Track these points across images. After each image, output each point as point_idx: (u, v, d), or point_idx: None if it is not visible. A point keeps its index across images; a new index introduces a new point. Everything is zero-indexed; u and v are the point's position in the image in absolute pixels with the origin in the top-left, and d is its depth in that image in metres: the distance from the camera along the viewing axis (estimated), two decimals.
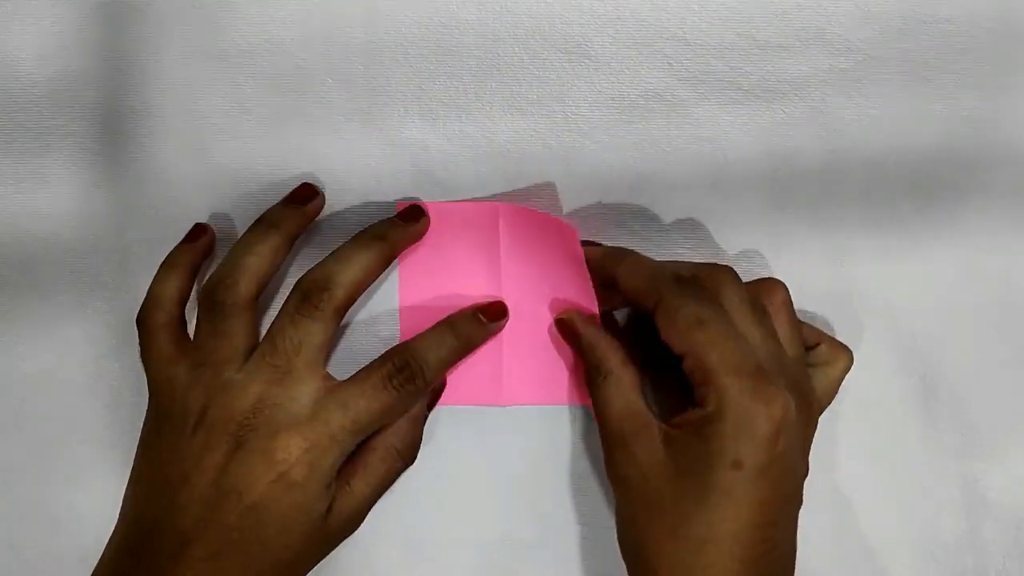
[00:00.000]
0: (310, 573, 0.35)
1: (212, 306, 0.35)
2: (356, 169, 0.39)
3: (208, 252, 0.39)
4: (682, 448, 0.32)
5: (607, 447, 0.35)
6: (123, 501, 0.35)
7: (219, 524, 0.33)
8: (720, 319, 0.33)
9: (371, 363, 0.35)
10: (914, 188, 0.40)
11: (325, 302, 0.34)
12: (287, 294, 0.35)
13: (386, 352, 0.35)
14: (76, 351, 0.40)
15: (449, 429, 0.39)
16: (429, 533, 0.39)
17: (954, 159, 0.40)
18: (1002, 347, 0.40)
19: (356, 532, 0.38)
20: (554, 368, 0.39)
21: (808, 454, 0.34)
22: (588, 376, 0.36)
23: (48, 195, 0.40)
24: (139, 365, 0.39)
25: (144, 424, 0.36)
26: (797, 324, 0.35)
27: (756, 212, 0.40)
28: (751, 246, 0.40)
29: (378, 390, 0.34)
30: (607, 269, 0.36)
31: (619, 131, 0.40)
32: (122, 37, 0.40)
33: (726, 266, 0.35)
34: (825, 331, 0.38)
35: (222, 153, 0.39)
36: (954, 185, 0.40)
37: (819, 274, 0.40)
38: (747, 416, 0.31)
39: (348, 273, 0.35)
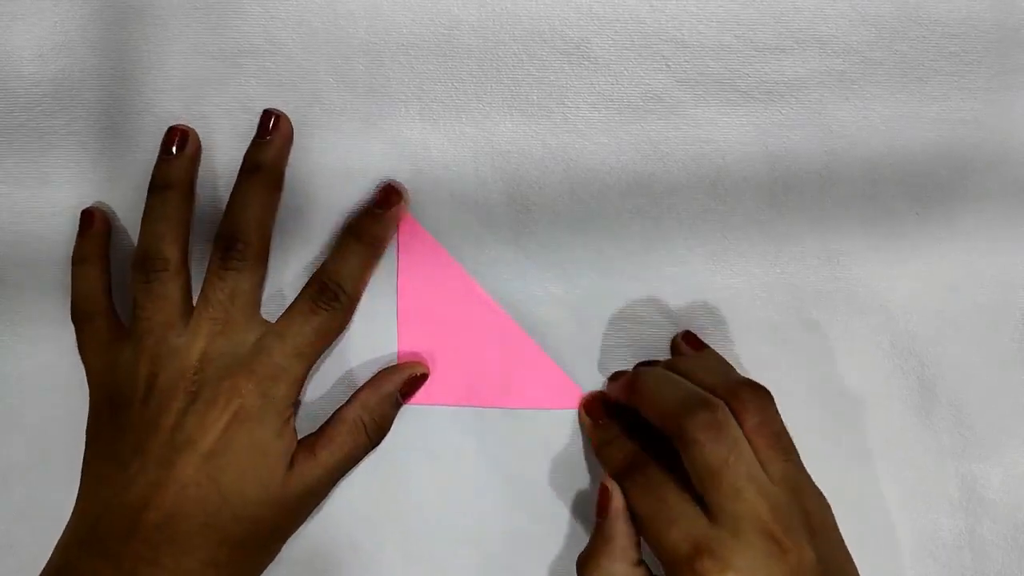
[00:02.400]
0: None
1: (144, 276, 0.36)
2: (356, 169, 0.40)
3: (107, 232, 0.39)
4: None
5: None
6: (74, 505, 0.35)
7: (174, 481, 0.33)
8: (652, 505, 0.33)
9: (296, 297, 0.37)
10: (911, 189, 0.40)
11: (242, 251, 0.36)
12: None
13: (307, 284, 0.37)
14: (76, 351, 0.39)
15: (449, 429, 0.39)
16: (429, 533, 0.39)
17: (951, 160, 0.40)
18: (1000, 347, 0.40)
19: (357, 533, 0.38)
20: (555, 373, 0.39)
21: (832, 540, 0.34)
22: (590, 547, 0.35)
23: (49, 194, 0.40)
24: None
25: (88, 420, 0.37)
26: (779, 436, 0.34)
27: (754, 212, 0.40)
28: (750, 246, 0.40)
29: (306, 314, 0.36)
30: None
31: (618, 132, 0.40)
32: (123, 37, 0.40)
33: (698, 418, 0.33)
34: (823, 338, 0.37)
35: (223, 153, 0.40)
36: (951, 186, 0.40)
37: (817, 274, 0.40)
38: None
39: (254, 222, 0.36)
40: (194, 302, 0.37)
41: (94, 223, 0.39)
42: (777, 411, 0.34)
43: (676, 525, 0.32)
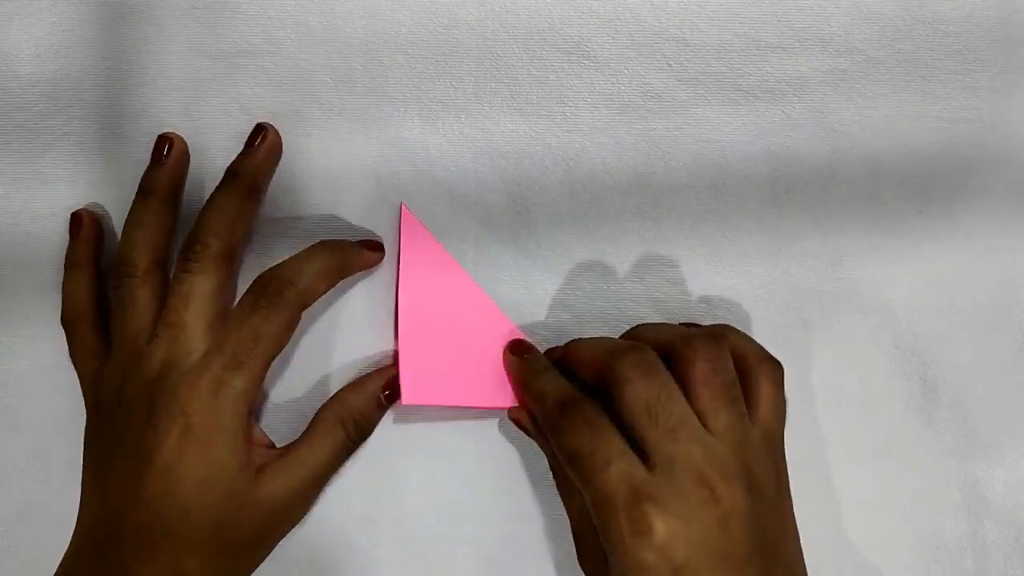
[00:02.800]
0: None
1: (117, 284, 0.36)
2: (355, 169, 0.39)
3: (97, 236, 0.39)
4: None
5: (574, 540, 0.35)
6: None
7: (139, 495, 0.33)
8: (592, 442, 0.32)
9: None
10: (913, 188, 0.40)
11: (199, 253, 0.35)
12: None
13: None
14: None
15: (448, 430, 0.39)
16: (427, 534, 0.39)
17: (954, 159, 0.40)
18: (1002, 347, 0.40)
19: (355, 533, 0.38)
20: None
21: (771, 506, 0.33)
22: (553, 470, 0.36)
23: (47, 195, 0.40)
24: None
25: (85, 426, 0.37)
26: (727, 388, 0.33)
27: (756, 212, 0.40)
28: (751, 246, 0.40)
29: (247, 315, 0.34)
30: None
31: (618, 131, 0.40)
32: (121, 37, 0.40)
33: (626, 358, 0.33)
34: (823, 338, 0.37)
35: (220, 153, 0.40)
36: (954, 185, 0.40)
37: (819, 274, 0.40)
38: (626, 552, 0.31)
39: (216, 224, 0.35)
40: None
41: (82, 227, 0.39)
42: (730, 363, 0.33)
43: (613, 466, 0.31)
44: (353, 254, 0.37)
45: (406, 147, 0.40)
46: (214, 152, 0.40)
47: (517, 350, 0.38)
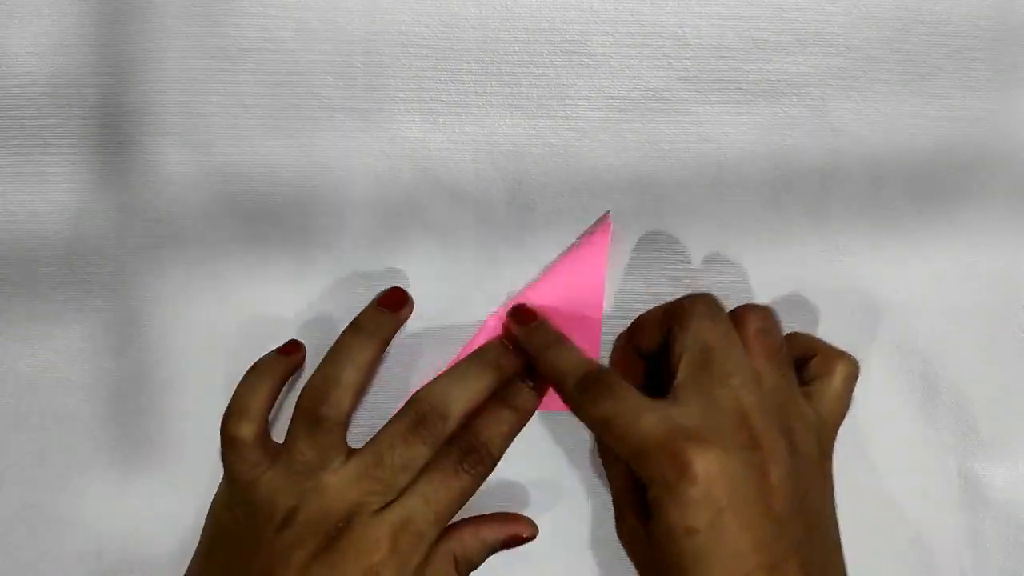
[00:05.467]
0: None
1: (313, 420, 0.35)
2: (356, 168, 0.39)
3: (299, 367, 0.39)
4: (653, 532, 0.32)
5: (614, 509, 0.35)
6: None
7: None
8: (616, 406, 0.32)
9: (440, 451, 0.35)
10: (913, 187, 0.40)
11: (440, 430, 0.34)
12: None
13: (452, 439, 0.35)
14: (75, 350, 0.39)
15: None
16: None
17: (953, 159, 0.40)
18: (1003, 345, 0.40)
19: None
20: None
21: (812, 475, 0.33)
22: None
23: (47, 194, 0.40)
24: (138, 364, 0.39)
25: (207, 519, 0.36)
26: (777, 350, 0.34)
27: (756, 210, 0.40)
28: (751, 246, 0.40)
29: (451, 477, 0.34)
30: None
31: (619, 130, 0.40)
32: (121, 35, 0.40)
33: (698, 297, 0.34)
34: (824, 337, 0.37)
35: (222, 152, 0.39)
36: (953, 184, 0.40)
37: (819, 273, 0.40)
38: (670, 488, 0.31)
39: (463, 402, 0.35)
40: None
41: (294, 353, 0.38)
42: (780, 329, 0.34)
43: (643, 418, 0.31)
44: (535, 401, 0.37)
45: (407, 145, 0.40)
46: (214, 151, 0.39)
47: (522, 319, 0.37)
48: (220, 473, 0.38)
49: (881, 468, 0.40)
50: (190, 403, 0.39)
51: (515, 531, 0.37)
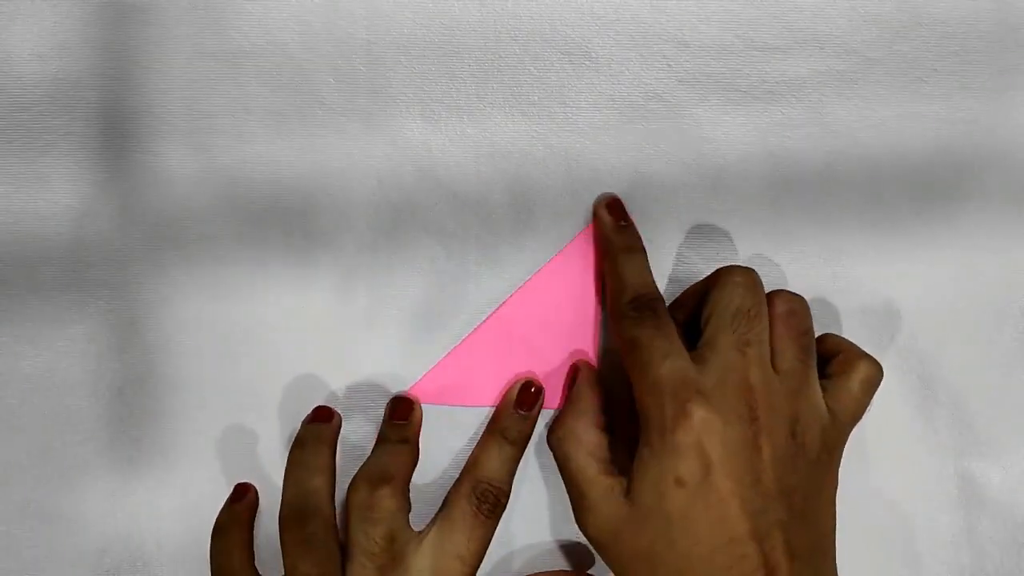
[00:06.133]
0: None
1: (304, 539, 0.35)
2: (357, 169, 0.40)
3: (255, 508, 0.39)
4: (639, 490, 0.33)
5: (574, 503, 0.36)
6: None
7: None
8: (654, 337, 0.33)
9: (450, 498, 0.37)
10: (912, 189, 0.40)
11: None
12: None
13: (459, 483, 0.37)
14: (76, 351, 0.39)
15: (450, 431, 0.39)
16: None
17: (952, 160, 0.40)
18: (1001, 346, 0.40)
19: None
20: (556, 376, 0.39)
21: (809, 465, 0.33)
22: (560, 412, 0.37)
23: (49, 195, 0.40)
24: (141, 364, 0.39)
25: None
26: (802, 334, 0.34)
27: (755, 212, 0.40)
28: (750, 246, 0.40)
29: (474, 527, 0.36)
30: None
31: (619, 132, 0.40)
32: (123, 37, 0.40)
33: (738, 267, 0.35)
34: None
35: (223, 153, 0.39)
36: (952, 186, 0.40)
37: (818, 274, 0.40)
38: (664, 430, 0.32)
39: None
40: None
41: (245, 495, 0.39)
42: (810, 318, 0.35)
43: (670, 360, 0.33)
44: (530, 428, 0.38)
45: (408, 147, 0.40)
46: (216, 152, 0.40)
47: (616, 212, 0.38)
48: (221, 472, 0.38)
49: (878, 468, 0.40)
50: (192, 404, 0.39)
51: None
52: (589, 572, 0.39)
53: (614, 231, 0.38)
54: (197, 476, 0.39)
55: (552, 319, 0.39)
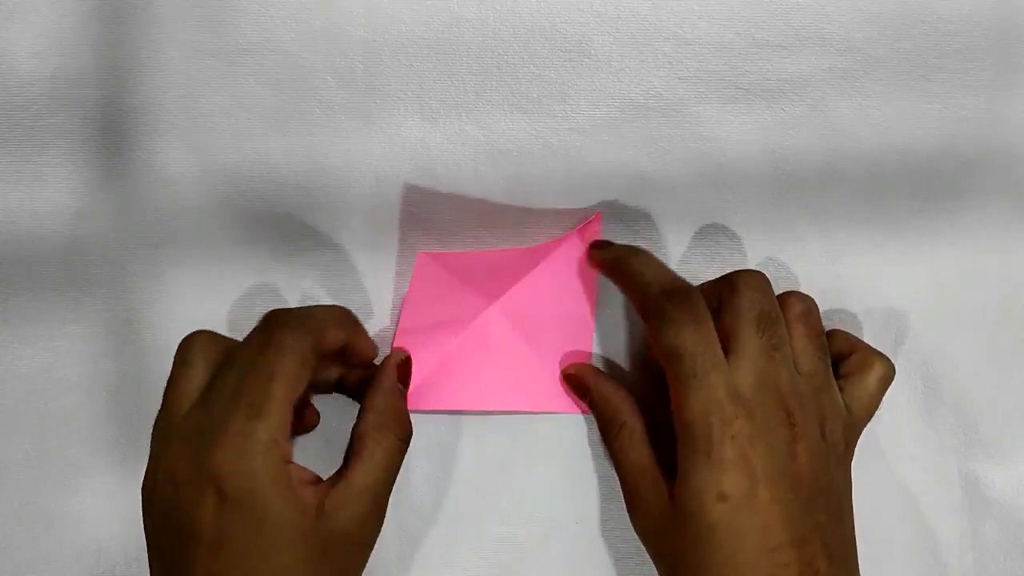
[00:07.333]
0: None
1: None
2: (356, 168, 0.39)
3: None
4: (683, 497, 0.32)
5: (626, 499, 0.35)
6: None
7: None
8: (696, 344, 0.32)
9: None
10: (913, 187, 0.40)
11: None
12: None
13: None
14: (74, 350, 0.39)
15: (449, 431, 0.39)
16: (426, 535, 0.39)
17: (953, 159, 0.40)
18: (1004, 346, 0.40)
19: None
20: (556, 375, 0.39)
21: (838, 463, 0.34)
22: (602, 429, 0.37)
23: (46, 194, 0.40)
24: (137, 364, 0.39)
25: None
26: (816, 336, 0.35)
27: (756, 210, 0.40)
28: (751, 245, 0.40)
29: (257, 354, 0.32)
30: (616, 267, 0.37)
31: (619, 130, 0.40)
32: (121, 35, 0.39)
33: (750, 271, 0.35)
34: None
35: (222, 152, 0.39)
36: (954, 184, 0.40)
37: (819, 273, 0.40)
38: (710, 446, 0.32)
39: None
40: None
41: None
42: (820, 317, 0.35)
43: (713, 374, 0.32)
44: (362, 330, 0.37)
45: (407, 145, 0.39)
46: (214, 151, 0.39)
47: (600, 245, 0.39)
48: None
49: (881, 469, 0.40)
50: None
51: (396, 360, 0.37)
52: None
53: (608, 248, 0.38)
54: None
55: (550, 320, 0.39)
